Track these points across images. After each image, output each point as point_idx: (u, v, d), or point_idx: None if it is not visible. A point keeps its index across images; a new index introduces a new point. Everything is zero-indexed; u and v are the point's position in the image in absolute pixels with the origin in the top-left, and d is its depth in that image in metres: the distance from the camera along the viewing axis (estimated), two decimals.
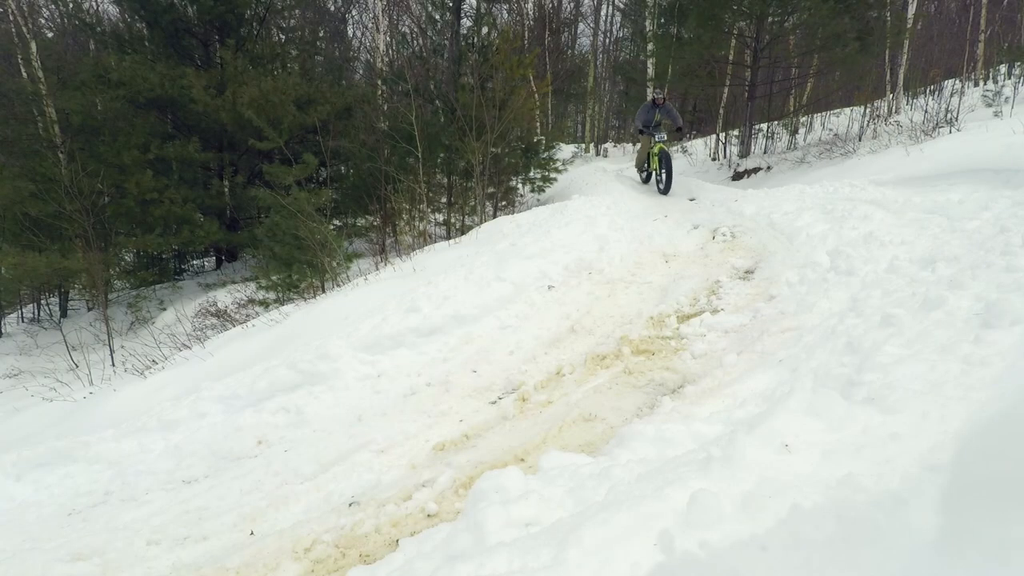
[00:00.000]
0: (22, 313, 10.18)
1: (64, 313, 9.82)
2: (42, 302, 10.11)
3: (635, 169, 8.92)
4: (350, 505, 2.23)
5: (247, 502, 2.43)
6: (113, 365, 5.86)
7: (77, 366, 5.89)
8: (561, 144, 14.37)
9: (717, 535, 1.02)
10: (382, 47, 10.64)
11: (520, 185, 10.43)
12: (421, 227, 7.71)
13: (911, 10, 11.18)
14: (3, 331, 9.32)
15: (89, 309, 9.39)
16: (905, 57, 11.77)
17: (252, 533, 2.20)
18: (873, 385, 1.53)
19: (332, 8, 16.68)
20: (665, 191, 7.63)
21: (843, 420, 1.41)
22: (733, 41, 12.93)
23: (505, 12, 16.59)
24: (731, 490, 1.16)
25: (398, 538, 1.72)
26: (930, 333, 1.78)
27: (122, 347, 5.96)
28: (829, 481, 1.11)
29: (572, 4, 21.29)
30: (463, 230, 7.68)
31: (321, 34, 15.01)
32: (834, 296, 2.80)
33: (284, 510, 2.32)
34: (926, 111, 8.36)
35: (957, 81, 12.19)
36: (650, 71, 14.90)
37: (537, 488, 1.57)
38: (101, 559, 2.20)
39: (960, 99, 8.94)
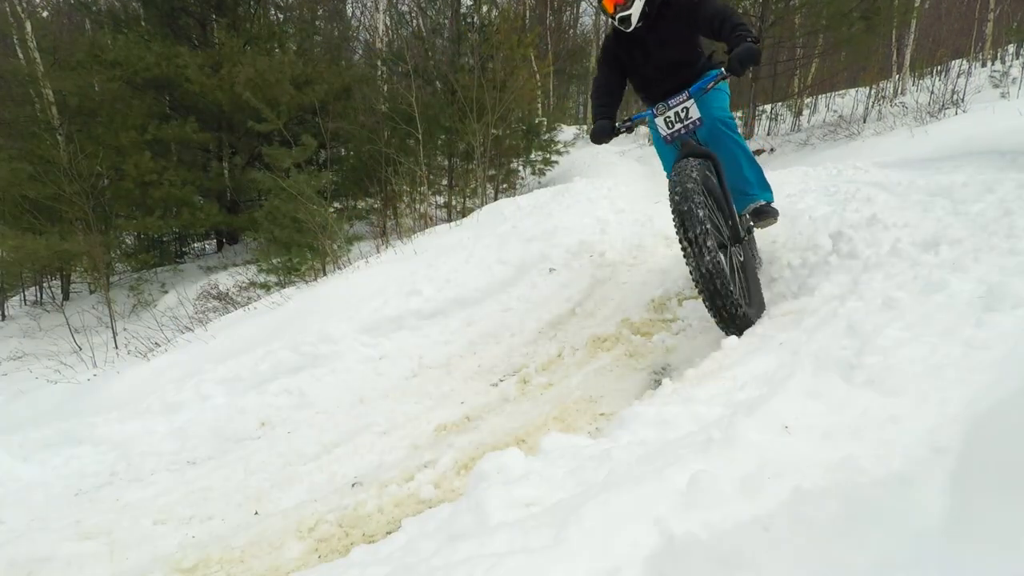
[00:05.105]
0: (24, 296, 10.19)
1: (66, 296, 9.82)
2: (44, 285, 10.11)
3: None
4: (353, 486, 2.26)
5: (251, 483, 2.46)
6: (116, 347, 5.88)
7: (80, 348, 5.92)
8: (563, 126, 14.24)
9: (718, 516, 1.03)
10: (381, 27, 10.48)
11: (521, 167, 10.35)
12: (422, 209, 7.68)
13: None
14: (6, 314, 9.34)
15: (91, 292, 9.40)
16: (912, 37, 11.59)
17: (256, 513, 2.22)
18: (874, 368, 1.53)
19: None
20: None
21: (843, 402, 1.42)
22: None
23: None
24: (732, 472, 1.17)
25: (400, 518, 1.74)
26: (932, 316, 1.77)
27: (125, 329, 5.98)
28: (830, 463, 1.12)
29: None
30: (464, 212, 7.65)
31: (319, 13, 14.77)
32: (835, 279, 2.78)
33: (288, 490, 2.34)
34: (932, 92, 8.24)
35: (964, 61, 12.02)
36: None
37: (538, 469, 1.58)
38: (108, 538, 2.23)
39: (967, 80, 8.82)
